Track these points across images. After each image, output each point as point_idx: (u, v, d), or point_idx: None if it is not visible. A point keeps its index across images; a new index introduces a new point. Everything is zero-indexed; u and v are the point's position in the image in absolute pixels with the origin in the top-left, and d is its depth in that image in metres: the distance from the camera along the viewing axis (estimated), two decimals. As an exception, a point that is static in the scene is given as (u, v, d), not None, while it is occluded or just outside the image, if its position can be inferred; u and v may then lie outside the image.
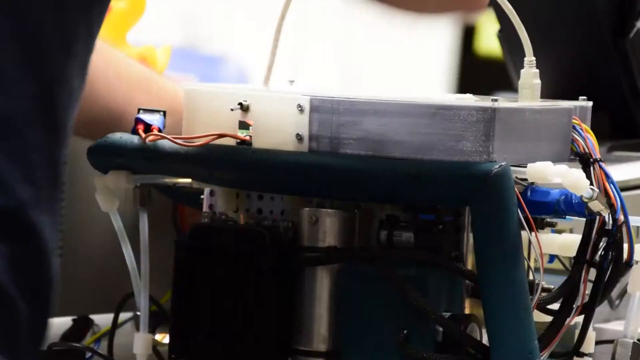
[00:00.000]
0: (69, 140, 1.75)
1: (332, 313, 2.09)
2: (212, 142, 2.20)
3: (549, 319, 2.06)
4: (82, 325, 2.32)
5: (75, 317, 2.30)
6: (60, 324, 2.31)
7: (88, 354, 2.38)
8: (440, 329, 2.02)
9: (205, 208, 2.35)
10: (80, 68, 1.76)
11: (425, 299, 2.02)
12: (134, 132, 2.25)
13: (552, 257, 2.07)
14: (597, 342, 2.16)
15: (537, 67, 2.18)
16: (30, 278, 1.64)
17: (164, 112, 2.31)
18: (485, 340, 2.03)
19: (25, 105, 1.67)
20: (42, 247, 1.64)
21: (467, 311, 2.05)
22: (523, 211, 2.04)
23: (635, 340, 2.15)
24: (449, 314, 2.02)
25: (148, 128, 2.23)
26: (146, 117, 2.17)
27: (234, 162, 2.30)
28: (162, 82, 2.52)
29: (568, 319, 2.06)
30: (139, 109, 2.29)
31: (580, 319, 2.13)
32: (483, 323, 2.02)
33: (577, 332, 2.13)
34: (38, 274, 1.66)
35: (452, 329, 2.01)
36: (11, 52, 1.68)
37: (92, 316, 2.31)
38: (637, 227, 2.12)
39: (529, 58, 2.18)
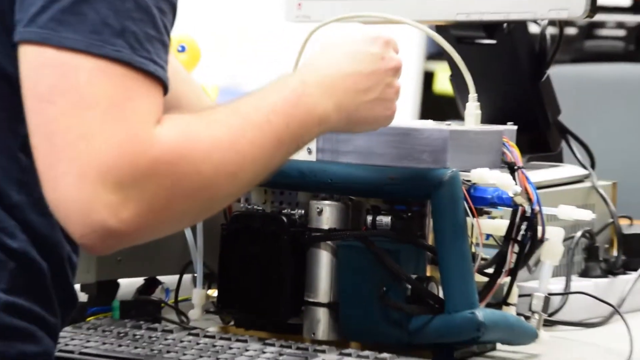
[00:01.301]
0: None
1: (332, 276, 2.20)
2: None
3: (485, 279, 2.23)
4: (151, 284, 2.41)
5: (146, 277, 2.44)
6: (135, 282, 2.47)
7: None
8: (409, 286, 2.20)
9: (242, 201, 2.40)
10: None
11: (398, 265, 2.16)
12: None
13: (488, 236, 2.17)
14: (519, 296, 2.27)
15: (478, 101, 2.36)
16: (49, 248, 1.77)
17: None
18: (441, 294, 2.22)
19: None
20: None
21: (428, 274, 2.16)
22: (468, 203, 2.22)
23: (546, 295, 2.33)
24: (415, 275, 2.17)
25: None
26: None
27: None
28: None
29: (499, 279, 2.22)
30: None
31: (507, 279, 2.32)
32: (439, 282, 2.17)
33: (505, 288, 2.29)
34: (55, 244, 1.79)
35: (417, 286, 2.14)
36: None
37: (162, 277, 2.45)
38: (548, 214, 2.29)
39: (472, 95, 2.31)
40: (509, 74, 2.66)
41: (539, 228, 2.24)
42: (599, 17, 4.06)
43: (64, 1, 1.62)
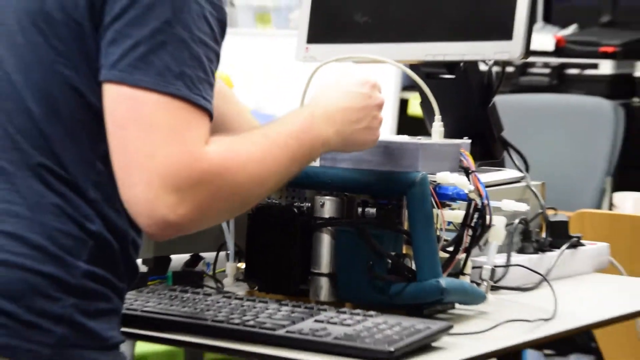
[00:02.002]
0: None
1: (331, 253, 2.18)
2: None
3: (447, 255, 2.19)
4: (195, 259, 2.39)
5: (191, 254, 2.39)
6: (183, 257, 2.43)
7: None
8: (390, 261, 2.16)
9: None
10: None
11: (381, 245, 2.13)
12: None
13: (449, 223, 2.18)
14: (472, 268, 2.24)
15: (442, 121, 2.33)
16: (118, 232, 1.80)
17: None
18: (413, 267, 2.17)
19: None
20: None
21: (404, 252, 2.13)
22: (434, 198, 2.18)
23: (492, 267, 2.29)
24: (394, 253, 2.14)
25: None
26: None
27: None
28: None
29: (457, 256, 2.19)
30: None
31: (463, 255, 2.27)
32: (412, 258, 2.13)
33: (462, 262, 2.26)
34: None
35: (396, 261, 2.11)
36: None
37: (203, 254, 2.40)
38: (493, 206, 2.26)
39: (437, 117, 2.29)
40: (465, 101, 2.64)
41: (487, 217, 2.23)
42: (530, 58, 4.02)
43: (138, 52, 1.70)
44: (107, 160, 1.75)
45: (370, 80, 2.09)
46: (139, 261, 2.07)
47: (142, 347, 3.13)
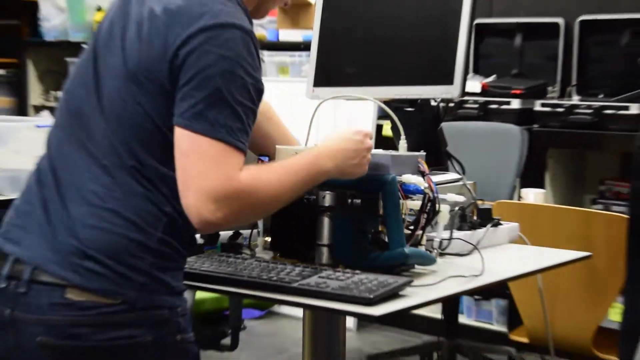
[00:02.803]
0: None
1: (330, 230, 2.15)
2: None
3: (409, 232, 2.18)
4: (236, 234, 2.32)
5: (234, 230, 2.32)
6: (228, 233, 2.34)
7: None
8: (370, 236, 2.11)
9: None
10: None
11: (364, 225, 2.13)
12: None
13: (411, 210, 2.17)
14: (427, 240, 2.21)
15: (406, 140, 2.32)
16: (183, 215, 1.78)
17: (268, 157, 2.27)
18: (386, 240, 2.15)
19: None
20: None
21: (380, 229, 2.11)
22: (400, 192, 2.16)
23: (440, 239, 2.28)
24: (373, 230, 2.11)
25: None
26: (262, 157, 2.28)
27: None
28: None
29: (416, 232, 2.18)
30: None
31: (420, 232, 2.21)
32: (386, 234, 2.11)
33: (419, 236, 2.22)
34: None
35: (374, 236, 2.09)
36: None
37: (242, 231, 2.33)
38: (441, 198, 2.26)
39: (402, 137, 2.30)
40: (421, 126, 2.64)
41: (436, 205, 2.22)
42: (465, 97, 4.03)
43: (197, 108, 1.73)
44: (174, 171, 1.79)
45: (363, 130, 2.08)
46: (197, 235, 2.07)
47: (200, 294, 3.15)
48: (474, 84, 4.66)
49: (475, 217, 2.55)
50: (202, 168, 1.74)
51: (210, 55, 1.74)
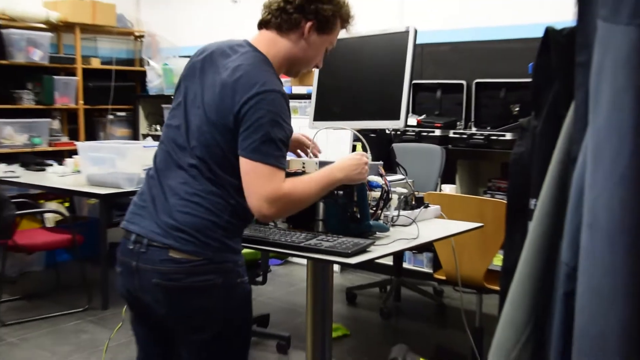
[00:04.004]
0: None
1: (324, 210, 2.11)
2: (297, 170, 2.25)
3: (372, 211, 2.14)
4: None
5: None
6: None
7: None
8: (349, 214, 2.06)
9: None
10: None
11: (345, 207, 2.07)
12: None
13: (374, 198, 2.14)
14: (384, 216, 2.20)
15: (371, 154, 2.27)
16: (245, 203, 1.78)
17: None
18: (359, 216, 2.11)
19: None
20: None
21: (355, 210, 2.04)
22: (367, 186, 2.13)
23: (392, 216, 2.25)
24: (350, 210, 2.06)
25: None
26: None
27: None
28: None
29: (377, 212, 2.14)
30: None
31: (380, 212, 2.21)
32: (358, 213, 2.07)
33: (379, 215, 2.19)
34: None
35: (352, 214, 2.04)
36: None
37: None
38: (392, 190, 2.21)
39: (368, 152, 2.24)
40: (380, 145, 2.58)
41: (389, 195, 2.16)
42: (406, 128, 3.98)
43: (253, 145, 1.72)
44: (239, 180, 1.77)
45: (363, 154, 2.04)
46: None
47: (243, 250, 3.07)
48: (412, 120, 4.62)
49: (413, 202, 2.50)
50: (260, 182, 1.72)
51: (261, 110, 1.72)
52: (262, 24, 1.90)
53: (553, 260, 1.30)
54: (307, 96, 4.89)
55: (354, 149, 2.86)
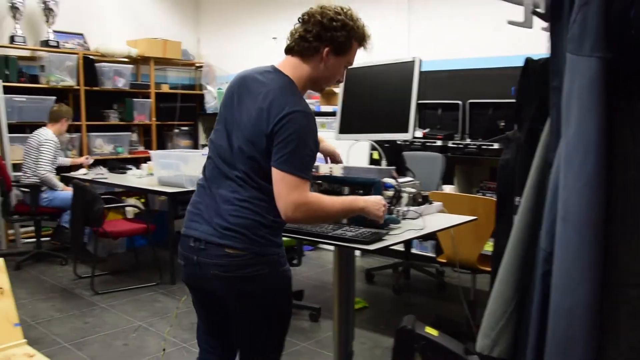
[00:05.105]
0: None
1: None
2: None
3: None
4: None
5: None
6: None
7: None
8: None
9: (323, 186, 2.28)
10: None
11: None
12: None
13: (388, 196, 2.12)
14: (397, 211, 2.18)
15: (386, 161, 2.26)
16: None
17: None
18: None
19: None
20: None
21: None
22: (383, 187, 2.12)
23: (402, 211, 2.22)
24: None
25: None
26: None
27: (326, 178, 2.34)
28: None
29: (390, 207, 2.13)
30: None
31: (392, 208, 2.20)
32: None
33: (393, 210, 2.18)
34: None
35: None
36: None
37: None
38: (400, 190, 2.19)
39: (384, 159, 2.25)
40: (393, 153, 2.54)
41: (401, 194, 2.12)
42: (414, 139, 3.94)
43: (283, 158, 1.63)
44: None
45: (382, 199, 1.94)
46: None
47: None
48: (418, 132, 4.58)
49: (420, 199, 2.46)
50: (287, 190, 1.63)
51: (290, 129, 1.63)
52: (288, 51, 1.81)
53: (533, 247, 1.30)
54: (332, 113, 4.84)
55: (370, 157, 2.83)
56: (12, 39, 5.44)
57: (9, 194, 4.64)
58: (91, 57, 5.83)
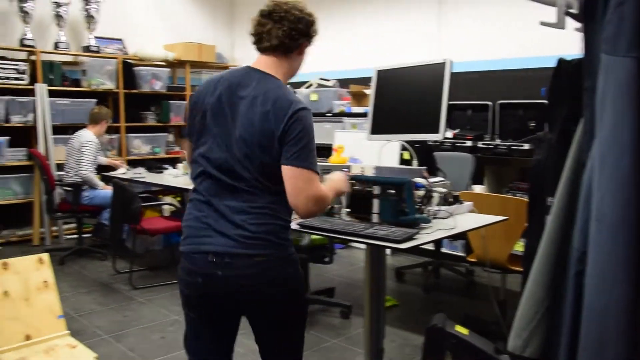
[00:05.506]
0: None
1: (379, 205, 2.07)
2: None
3: (417, 207, 2.11)
4: (332, 208, 2.22)
5: (330, 206, 2.26)
6: (328, 208, 2.34)
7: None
8: (399, 209, 2.05)
9: (358, 185, 2.29)
10: None
11: (396, 203, 2.05)
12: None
13: (419, 196, 2.11)
14: (428, 210, 2.17)
15: (416, 160, 2.24)
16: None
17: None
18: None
19: None
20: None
21: (403, 205, 2.03)
22: (414, 187, 2.11)
23: (434, 210, 2.21)
24: (400, 205, 2.05)
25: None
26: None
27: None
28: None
29: (421, 207, 2.11)
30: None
31: (423, 207, 2.19)
32: (406, 208, 2.08)
33: (423, 209, 2.17)
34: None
35: (401, 208, 2.02)
36: None
37: (335, 205, 2.27)
38: (435, 190, 2.17)
39: (415, 159, 2.23)
40: (423, 154, 2.52)
41: (431, 193, 2.10)
42: (442, 139, 3.92)
43: (294, 155, 1.59)
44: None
45: (344, 174, 1.97)
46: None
47: (314, 237, 3.06)
48: (448, 133, 4.55)
49: (451, 199, 2.44)
50: (305, 184, 1.60)
51: (300, 127, 1.60)
52: (269, 49, 1.74)
53: (566, 247, 1.28)
54: (363, 114, 4.85)
55: (400, 157, 2.80)
56: (56, 45, 5.58)
57: (53, 193, 4.75)
58: (130, 61, 5.94)
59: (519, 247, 3.17)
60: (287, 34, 1.71)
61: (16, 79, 5.19)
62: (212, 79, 1.74)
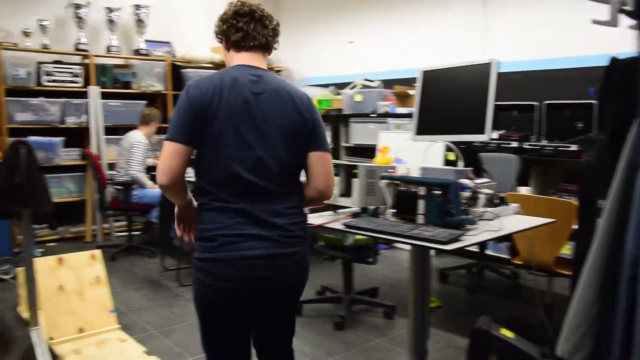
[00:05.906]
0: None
1: (425, 206, 2.04)
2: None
3: (463, 208, 2.09)
4: (376, 209, 2.20)
5: (374, 206, 2.26)
6: (372, 208, 2.32)
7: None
8: (444, 209, 2.03)
9: (403, 186, 2.29)
10: None
11: (442, 203, 2.03)
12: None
13: (465, 197, 2.09)
14: (473, 211, 2.17)
15: (462, 161, 2.21)
16: None
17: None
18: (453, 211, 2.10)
19: None
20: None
21: (449, 206, 2.01)
22: (459, 188, 2.08)
23: (480, 212, 2.18)
24: (446, 207, 2.03)
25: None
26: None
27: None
28: None
29: (467, 208, 2.07)
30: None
31: (469, 208, 2.16)
32: (452, 209, 2.03)
33: (468, 209, 2.14)
34: None
35: (447, 209, 1.98)
36: None
37: (380, 206, 2.27)
38: (480, 191, 2.14)
39: (460, 160, 2.20)
40: (469, 154, 2.49)
41: (477, 194, 2.07)
42: (488, 140, 3.87)
43: (319, 141, 1.72)
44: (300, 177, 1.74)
45: None
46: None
47: (358, 237, 3.06)
48: (494, 134, 4.47)
49: (496, 201, 2.40)
50: (331, 167, 1.73)
51: (317, 113, 1.74)
52: (258, 47, 1.77)
53: (619, 250, 1.24)
54: (408, 115, 4.83)
55: (445, 158, 2.77)
56: (108, 49, 5.75)
57: (105, 191, 4.89)
58: (177, 63, 6.07)
59: (566, 250, 3.10)
60: (270, 33, 1.79)
61: (71, 82, 5.37)
62: (209, 81, 1.65)
